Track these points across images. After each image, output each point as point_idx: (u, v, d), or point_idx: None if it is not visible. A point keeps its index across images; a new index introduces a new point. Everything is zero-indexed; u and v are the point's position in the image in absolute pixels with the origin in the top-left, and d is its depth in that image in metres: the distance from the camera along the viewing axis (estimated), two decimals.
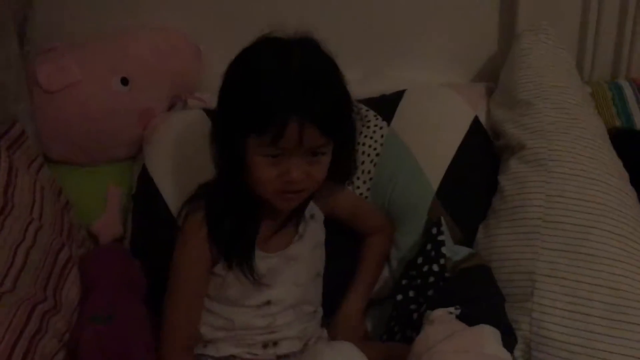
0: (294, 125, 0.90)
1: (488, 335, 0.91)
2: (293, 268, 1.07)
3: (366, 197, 1.26)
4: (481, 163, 1.26)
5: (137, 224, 1.26)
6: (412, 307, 1.07)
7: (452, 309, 0.96)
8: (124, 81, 1.29)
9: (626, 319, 0.95)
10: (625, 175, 1.14)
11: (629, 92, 1.46)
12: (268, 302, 1.05)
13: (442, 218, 1.16)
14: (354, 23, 1.44)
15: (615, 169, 1.13)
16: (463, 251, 1.10)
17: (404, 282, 1.11)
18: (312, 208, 1.12)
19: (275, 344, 1.06)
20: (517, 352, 0.98)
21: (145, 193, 1.26)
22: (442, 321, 0.94)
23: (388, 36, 1.48)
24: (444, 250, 1.09)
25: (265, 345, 1.05)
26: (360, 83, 1.41)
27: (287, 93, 0.91)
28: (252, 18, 1.39)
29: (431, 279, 1.06)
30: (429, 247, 1.11)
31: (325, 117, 0.93)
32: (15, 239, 0.97)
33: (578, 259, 1.00)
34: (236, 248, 1.02)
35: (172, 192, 1.23)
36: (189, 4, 1.40)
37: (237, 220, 1.02)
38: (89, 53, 1.30)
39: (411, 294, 1.08)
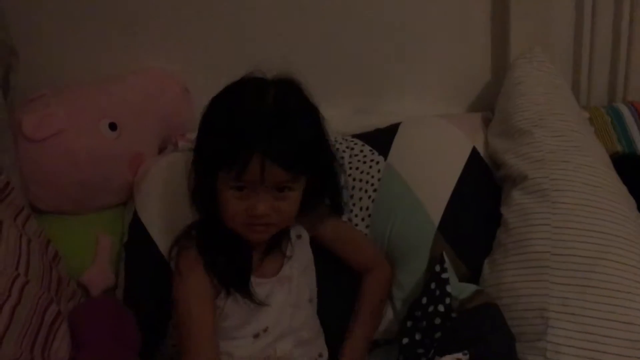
0: (256, 162, 0.95)
1: None
2: (286, 289, 1.08)
3: (366, 234, 1.23)
4: (482, 195, 1.23)
5: (130, 274, 1.22)
6: (420, 350, 1.02)
7: (460, 355, 0.92)
8: (113, 126, 1.26)
9: None
10: (632, 202, 1.11)
11: (627, 115, 1.45)
12: (265, 330, 1.05)
13: (445, 254, 1.13)
14: (346, 58, 1.44)
15: (622, 196, 1.10)
16: (469, 288, 1.07)
17: (409, 324, 1.07)
18: (299, 229, 1.13)
19: None
20: None
21: (137, 241, 1.23)
22: None
23: (380, 70, 1.47)
24: (448, 288, 1.05)
25: None
26: (354, 118, 1.42)
27: (254, 130, 0.96)
28: (240, 58, 1.38)
29: (437, 321, 1.02)
30: (433, 285, 1.08)
31: (287, 156, 0.96)
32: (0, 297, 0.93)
33: (590, 293, 0.97)
34: (233, 277, 1.05)
35: (165, 239, 1.19)
36: (177, 46, 1.39)
37: (229, 252, 1.05)
38: (76, 99, 1.27)
39: (417, 336, 1.04)
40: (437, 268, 1.10)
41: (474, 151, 1.28)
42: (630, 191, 1.14)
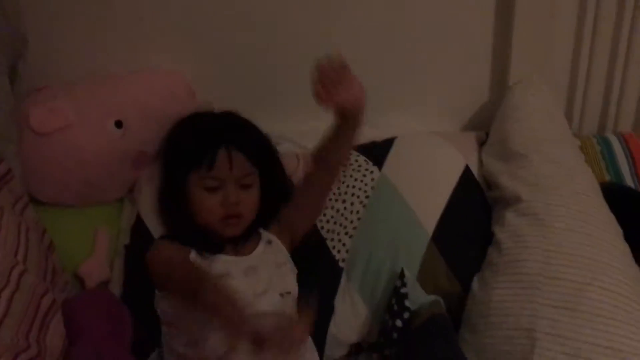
0: (223, 154, 1.06)
1: None
2: (252, 280, 1.09)
3: (351, 235, 1.25)
4: (474, 212, 1.26)
5: (131, 276, 1.23)
6: None
7: None
8: (118, 124, 1.27)
9: None
10: (620, 231, 1.15)
11: (617, 146, 1.49)
12: None
13: (404, 269, 1.16)
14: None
15: (610, 225, 1.13)
16: (427, 300, 1.10)
17: (380, 339, 1.10)
18: (269, 236, 1.16)
19: None
20: None
21: (140, 244, 1.22)
22: None
23: (379, 85, 1.48)
24: (407, 303, 1.08)
25: None
26: None
27: (217, 128, 1.09)
28: (246, 61, 1.41)
29: (394, 335, 1.05)
30: (393, 301, 1.11)
31: (249, 145, 1.08)
32: None
33: (578, 317, 1.00)
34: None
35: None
36: (185, 47, 1.40)
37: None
38: (83, 95, 1.28)
39: (386, 352, 1.07)
40: (398, 283, 1.12)
41: (467, 169, 1.31)
42: (617, 220, 1.17)
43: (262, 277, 1.10)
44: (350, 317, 1.21)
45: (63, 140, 1.23)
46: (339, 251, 1.25)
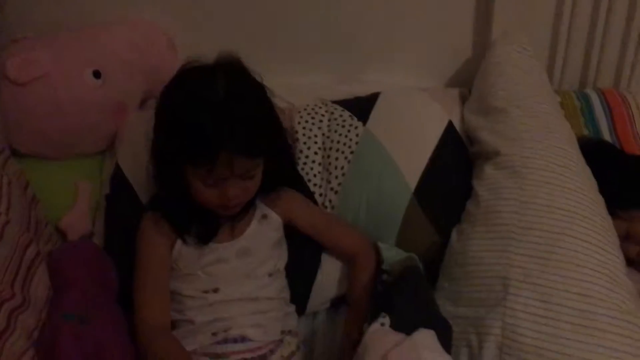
0: (224, 159, 1.00)
1: (422, 343, 0.92)
2: (244, 261, 1.11)
3: (337, 191, 1.27)
4: (456, 167, 1.28)
5: (111, 225, 1.24)
6: None
7: (382, 320, 0.97)
8: (97, 74, 1.26)
9: (595, 325, 0.97)
10: (594, 184, 1.17)
11: (596, 102, 1.50)
12: (216, 290, 1.08)
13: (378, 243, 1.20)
14: (328, 28, 1.45)
15: (586, 178, 1.16)
16: (401, 256, 1.13)
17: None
18: (264, 209, 1.16)
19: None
20: (489, 356, 0.99)
21: (119, 193, 1.24)
22: (374, 339, 0.94)
23: (362, 40, 1.49)
24: (381, 274, 1.12)
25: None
26: (335, 87, 1.44)
27: (216, 128, 0.99)
28: (230, 13, 1.39)
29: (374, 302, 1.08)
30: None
31: (251, 146, 1.02)
32: None
33: (550, 265, 1.03)
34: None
35: (147, 191, 1.21)
36: None
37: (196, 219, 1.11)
38: (61, 45, 1.27)
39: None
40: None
41: (450, 124, 1.32)
42: (593, 173, 1.20)
43: (254, 259, 1.12)
44: (336, 272, 1.24)
45: (41, 90, 1.22)
46: (325, 207, 1.27)
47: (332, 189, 1.27)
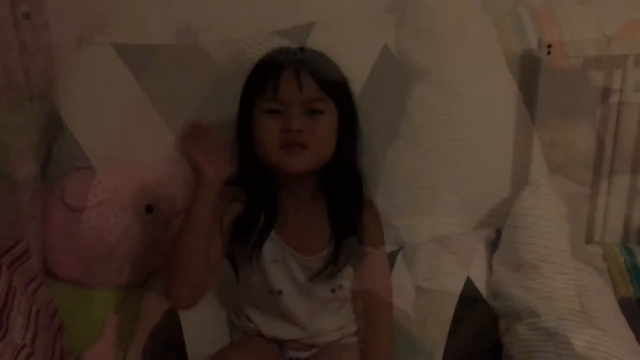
0: (289, 73, 1.01)
1: None
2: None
3: None
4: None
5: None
6: None
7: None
8: (149, 209, 1.29)
9: None
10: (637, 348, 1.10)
11: None
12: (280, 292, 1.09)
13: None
14: None
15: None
16: None
17: None
18: (341, 280, 1.11)
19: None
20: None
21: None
22: None
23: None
24: None
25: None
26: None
27: (283, 52, 1.07)
28: None
29: None
30: None
31: (319, 68, 1.03)
32: None
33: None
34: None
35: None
36: None
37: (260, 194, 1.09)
38: (118, 177, 1.30)
39: None
40: None
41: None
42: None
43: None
44: None
45: (95, 217, 1.26)
46: None
47: None
